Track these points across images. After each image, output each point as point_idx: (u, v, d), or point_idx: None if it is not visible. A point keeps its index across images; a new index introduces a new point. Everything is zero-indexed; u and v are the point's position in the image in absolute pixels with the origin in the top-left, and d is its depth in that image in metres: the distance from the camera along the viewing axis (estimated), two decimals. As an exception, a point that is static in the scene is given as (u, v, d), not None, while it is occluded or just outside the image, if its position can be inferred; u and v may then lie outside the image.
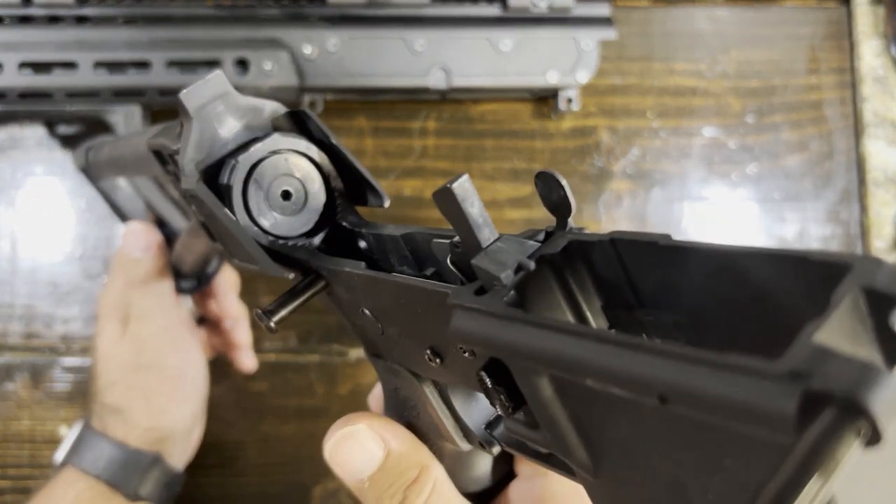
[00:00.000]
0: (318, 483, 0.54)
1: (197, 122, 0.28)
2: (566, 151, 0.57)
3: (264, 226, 0.29)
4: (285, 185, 0.29)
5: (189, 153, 0.28)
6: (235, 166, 0.28)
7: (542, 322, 0.17)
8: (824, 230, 0.57)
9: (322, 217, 0.29)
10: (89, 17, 0.50)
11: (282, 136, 0.28)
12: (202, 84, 0.28)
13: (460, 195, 0.22)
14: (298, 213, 0.29)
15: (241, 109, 0.29)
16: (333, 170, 0.29)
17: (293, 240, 0.29)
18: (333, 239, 0.30)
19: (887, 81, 0.57)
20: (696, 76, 0.57)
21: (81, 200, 0.55)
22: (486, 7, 0.52)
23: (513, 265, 0.20)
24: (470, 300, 0.20)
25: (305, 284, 0.28)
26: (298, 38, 0.50)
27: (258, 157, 0.28)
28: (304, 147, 0.29)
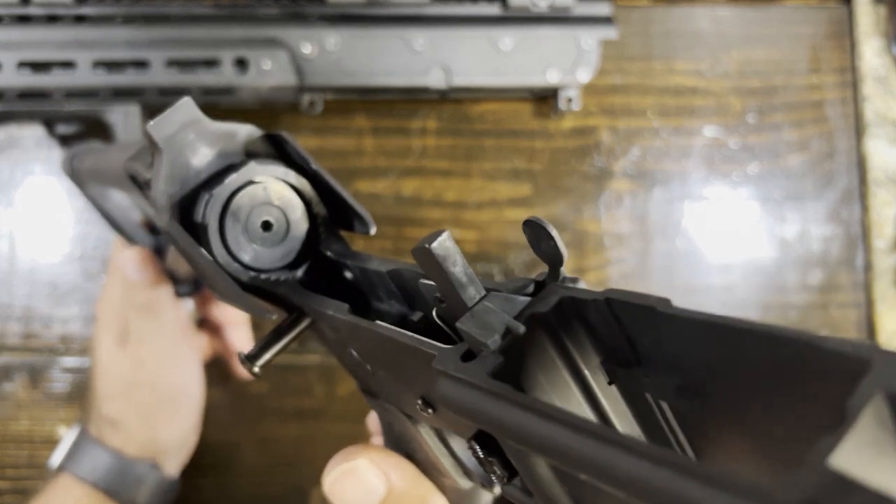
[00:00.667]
0: (317, 484, 0.54)
1: (167, 153, 0.26)
2: (566, 151, 0.57)
3: (244, 260, 0.27)
4: (265, 216, 0.27)
5: (160, 186, 0.26)
6: (210, 200, 0.26)
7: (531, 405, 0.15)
8: (825, 230, 0.57)
9: (304, 247, 0.28)
10: (88, 17, 0.50)
11: (258, 164, 0.27)
12: (170, 112, 0.26)
13: (441, 255, 0.20)
14: (280, 244, 0.28)
15: (214, 136, 0.27)
16: (315, 195, 0.28)
17: (275, 273, 0.27)
18: (317, 270, 0.28)
19: (888, 81, 0.56)
20: (696, 76, 0.57)
21: (80, 200, 0.55)
22: (487, 6, 0.52)
23: (500, 328, 0.18)
24: (455, 368, 0.18)
25: (290, 323, 0.27)
26: (297, 37, 0.50)
27: (233, 189, 0.26)
28: (282, 174, 0.27)
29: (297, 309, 0.27)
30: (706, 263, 0.56)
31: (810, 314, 0.56)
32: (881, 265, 0.55)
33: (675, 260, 0.56)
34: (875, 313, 0.55)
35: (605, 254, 0.56)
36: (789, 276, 0.56)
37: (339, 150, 0.56)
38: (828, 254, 0.57)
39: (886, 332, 0.55)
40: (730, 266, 0.56)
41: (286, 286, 0.27)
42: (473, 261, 0.56)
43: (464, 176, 0.56)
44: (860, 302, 0.56)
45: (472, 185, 0.56)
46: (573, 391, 0.19)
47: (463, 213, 0.56)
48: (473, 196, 0.56)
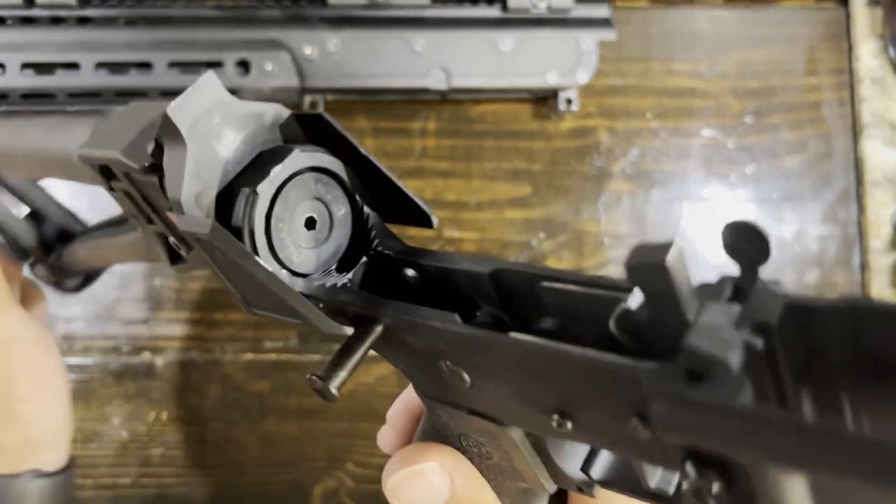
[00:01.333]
0: (318, 482, 0.55)
1: (192, 143, 0.22)
2: (566, 152, 0.57)
3: (294, 266, 0.23)
4: (308, 212, 0.23)
5: (187, 187, 0.22)
6: (253, 199, 0.22)
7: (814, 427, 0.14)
8: (822, 230, 0.57)
9: (352, 246, 0.24)
10: (91, 19, 0.50)
11: (302, 152, 0.23)
12: (193, 92, 0.22)
13: (676, 271, 0.17)
14: (325, 243, 0.24)
15: (241, 118, 0.23)
16: (360, 185, 0.24)
17: (326, 278, 0.24)
18: (372, 272, 0.25)
19: (885, 82, 0.57)
20: (695, 77, 0.58)
21: (83, 201, 0.56)
22: (486, 8, 0.53)
23: (738, 343, 0.15)
24: (690, 392, 0.16)
25: (359, 335, 0.22)
26: (299, 38, 0.50)
27: (279, 183, 0.23)
28: (328, 163, 0.24)
29: (366, 319, 0.23)
30: (704, 263, 0.57)
31: (808, 313, 0.57)
32: (878, 265, 0.56)
33: (673, 260, 0.57)
34: (872, 313, 0.56)
35: (604, 254, 0.56)
36: (787, 276, 0.57)
37: (340, 151, 0.56)
38: (825, 254, 0.57)
39: (883, 331, 0.55)
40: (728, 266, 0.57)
41: (349, 293, 0.23)
42: (473, 260, 0.56)
43: (464, 176, 0.57)
44: (857, 301, 0.57)
45: (472, 186, 0.57)
46: (807, 403, 0.17)
47: (463, 213, 0.56)
48: (473, 196, 0.57)
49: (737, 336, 0.16)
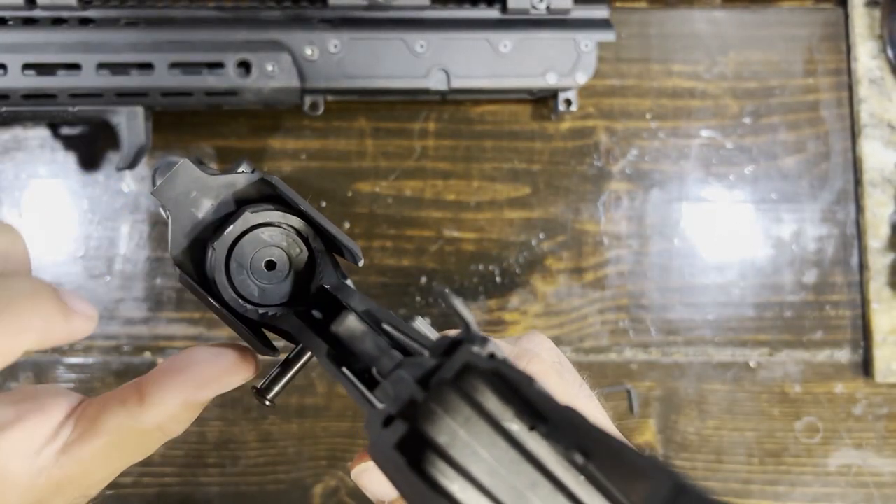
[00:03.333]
0: (319, 481, 0.55)
1: (174, 212, 0.29)
2: (565, 152, 0.57)
3: (253, 300, 0.29)
4: (267, 256, 0.29)
5: (172, 244, 0.29)
6: (214, 253, 0.28)
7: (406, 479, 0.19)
8: (821, 230, 0.57)
9: (306, 280, 0.30)
10: (93, 20, 0.50)
11: (252, 213, 0.29)
12: (172, 177, 0.29)
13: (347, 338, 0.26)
14: (285, 279, 0.30)
15: (215, 189, 0.29)
16: (311, 231, 0.30)
17: (282, 308, 0.30)
18: (321, 302, 0.30)
19: (883, 83, 0.57)
20: (694, 77, 0.58)
21: (84, 201, 0.56)
22: (486, 9, 0.53)
23: (406, 396, 0.21)
24: (374, 431, 0.21)
25: (295, 355, 0.29)
26: (300, 40, 0.51)
27: (232, 239, 0.29)
28: (276, 218, 0.29)
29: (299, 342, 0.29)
30: (703, 263, 0.57)
31: (805, 314, 0.57)
32: (876, 265, 0.56)
33: (672, 260, 0.57)
34: (870, 312, 0.56)
35: (603, 254, 0.57)
36: (785, 276, 0.57)
37: (340, 151, 0.56)
38: (823, 254, 0.57)
39: (881, 331, 0.56)
40: (726, 266, 0.57)
41: (285, 320, 0.29)
42: (473, 261, 0.56)
43: (464, 176, 0.57)
44: (855, 302, 0.57)
45: (471, 186, 0.57)
46: (497, 438, 0.20)
47: (463, 213, 0.57)
48: (473, 196, 0.57)
49: (408, 390, 0.21)
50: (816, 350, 0.57)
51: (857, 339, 0.57)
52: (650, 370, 0.56)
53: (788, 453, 0.56)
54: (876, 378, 0.56)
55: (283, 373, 0.29)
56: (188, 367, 0.28)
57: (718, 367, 0.57)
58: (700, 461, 0.56)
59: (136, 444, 0.28)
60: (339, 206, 0.56)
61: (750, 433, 0.56)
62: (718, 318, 0.57)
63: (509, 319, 0.56)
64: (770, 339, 0.57)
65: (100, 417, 0.27)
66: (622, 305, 0.57)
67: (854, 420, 0.56)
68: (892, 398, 0.56)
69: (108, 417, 0.27)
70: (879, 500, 0.56)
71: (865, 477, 0.56)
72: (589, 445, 0.19)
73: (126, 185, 0.56)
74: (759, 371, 0.57)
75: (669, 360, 0.56)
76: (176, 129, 0.56)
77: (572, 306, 0.56)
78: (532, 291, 0.56)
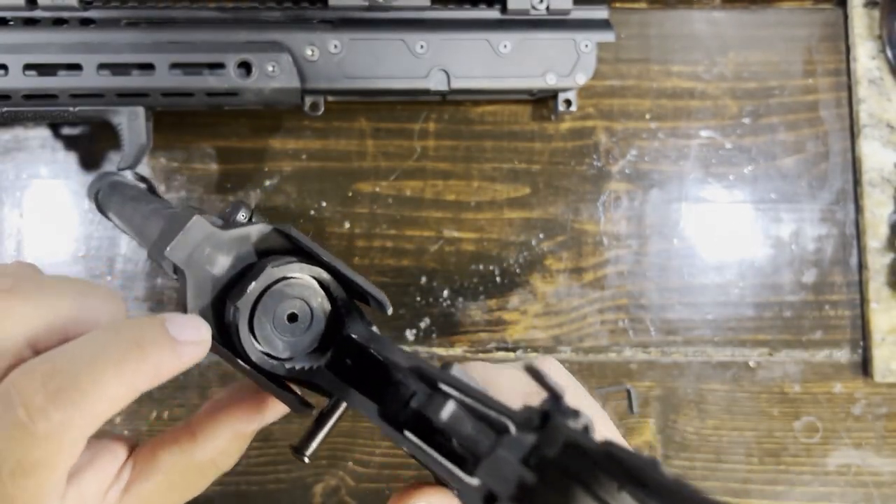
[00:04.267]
0: (319, 481, 0.55)
1: (189, 271, 0.28)
2: (565, 152, 0.57)
3: (279, 354, 0.29)
4: (289, 309, 0.29)
5: (191, 305, 0.28)
6: (237, 312, 0.28)
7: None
8: (820, 230, 0.58)
9: (330, 329, 0.29)
10: (94, 20, 0.51)
11: (273, 267, 0.28)
12: (183, 235, 0.28)
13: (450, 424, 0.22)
14: (308, 330, 0.29)
15: (229, 243, 0.29)
16: (333, 280, 0.29)
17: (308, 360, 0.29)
18: (346, 350, 0.29)
19: (883, 83, 0.57)
20: (693, 78, 0.58)
21: (85, 201, 0.56)
22: (486, 10, 0.53)
23: (514, 478, 0.20)
24: None
25: (330, 408, 0.29)
26: (300, 40, 0.51)
27: (256, 296, 0.28)
28: (297, 271, 0.28)
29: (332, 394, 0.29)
30: (702, 263, 0.57)
31: (805, 313, 0.57)
32: (875, 265, 0.56)
33: (671, 260, 0.57)
34: (869, 312, 0.56)
35: (602, 254, 0.57)
36: (784, 276, 0.57)
37: (341, 152, 0.57)
38: (822, 253, 0.57)
39: (881, 331, 0.56)
40: (725, 266, 0.57)
41: (320, 375, 0.29)
42: (473, 261, 0.56)
43: (463, 177, 0.57)
44: (855, 301, 0.57)
45: (471, 186, 0.57)
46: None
47: (463, 213, 0.57)
48: (473, 197, 0.57)
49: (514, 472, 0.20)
50: (816, 350, 0.57)
51: (856, 339, 0.57)
52: (649, 370, 0.56)
53: (787, 453, 0.56)
54: (875, 378, 0.56)
55: (318, 427, 0.29)
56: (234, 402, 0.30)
57: (718, 366, 0.57)
58: (699, 461, 0.56)
59: (191, 481, 0.29)
60: (339, 206, 0.56)
61: (749, 433, 0.56)
62: (718, 317, 0.57)
63: (509, 319, 0.56)
64: (769, 338, 0.57)
65: (156, 456, 0.28)
66: (621, 305, 0.57)
67: (853, 420, 0.56)
68: (892, 398, 0.56)
69: (164, 456, 0.28)
70: (878, 499, 0.56)
71: (864, 476, 0.56)
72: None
73: (127, 186, 0.56)
74: (758, 371, 0.57)
75: (669, 360, 0.57)
76: (177, 130, 0.56)
77: (572, 306, 0.57)
78: (532, 291, 0.56)
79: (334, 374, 0.29)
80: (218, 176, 0.56)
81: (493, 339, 0.56)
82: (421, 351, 0.56)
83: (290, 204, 0.56)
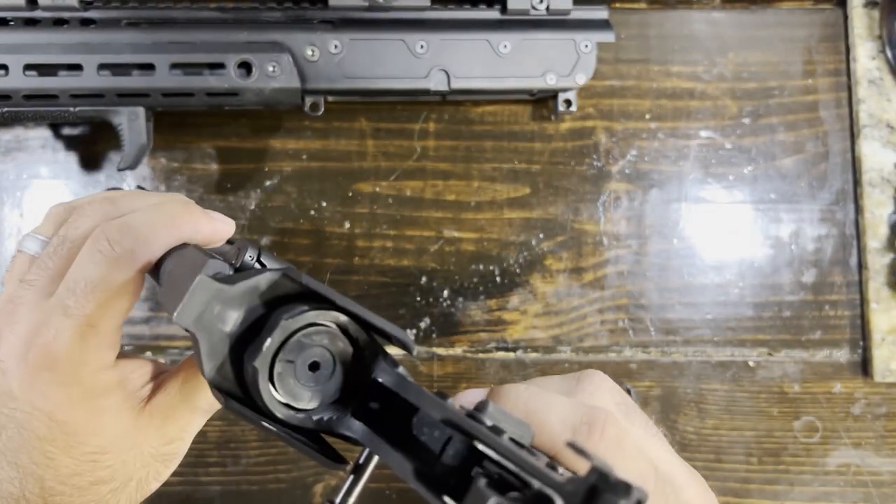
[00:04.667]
0: (320, 480, 0.55)
1: (201, 333, 0.27)
2: (565, 152, 0.57)
3: (304, 406, 0.27)
4: (311, 358, 0.27)
5: (207, 367, 0.27)
6: (254, 371, 0.26)
7: None
8: (819, 230, 0.58)
9: (354, 375, 0.28)
10: (94, 20, 0.51)
11: (288, 320, 0.26)
12: (190, 297, 0.26)
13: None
14: (332, 377, 0.28)
15: (238, 298, 0.27)
16: (351, 322, 0.27)
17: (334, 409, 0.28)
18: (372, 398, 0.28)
19: (882, 83, 0.57)
20: (693, 78, 0.58)
21: (86, 201, 0.56)
22: (486, 10, 0.53)
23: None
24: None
25: (364, 463, 0.27)
26: (300, 40, 0.51)
27: (273, 353, 0.26)
28: (312, 318, 0.27)
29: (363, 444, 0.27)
30: (702, 263, 0.57)
31: (804, 313, 0.57)
32: (875, 265, 0.56)
33: (671, 260, 0.57)
34: (869, 312, 0.56)
35: (602, 254, 0.57)
36: (784, 276, 0.57)
37: (341, 152, 0.57)
38: (822, 254, 0.58)
39: (880, 331, 0.56)
40: (725, 266, 0.57)
41: (348, 425, 0.28)
42: (473, 261, 0.57)
43: (463, 177, 0.57)
44: (854, 302, 0.57)
45: (471, 186, 0.57)
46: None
47: (463, 213, 0.57)
48: (473, 197, 0.57)
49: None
50: (815, 350, 0.57)
51: (855, 339, 0.57)
52: (649, 370, 0.57)
53: (787, 453, 0.56)
54: (875, 377, 0.56)
55: (356, 480, 0.27)
56: None
57: (717, 366, 0.57)
58: (699, 460, 0.56)
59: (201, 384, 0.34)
60: (339, 206, 0.56)
61: (749, 433, 0.56)
62: (717, 317, 0.57)
63: (509, 319, 0.56)
64: (769, 338, 0.57)
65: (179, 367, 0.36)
66: (621, 305, 0.57)
67: (853, 419, 0.57)
68: (891, 398, 0.57)
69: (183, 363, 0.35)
70: (878, 499, 0.56)
71: (864, 476, 0.56)
72: None
73: (127, 186, 0.56)
74: (757, 370, 0.57)
75: (668, 360, 0.57)
76: (177, 130, 0.56)
77: (572, 306, 0.57)
78: (532, 291, 0.57)
79: (363, 422, 0.27)
80: (218, 176, 0.56)
81: (493, 339, 0.56)
82: (421, 351, 0.56)
83: (290, 204, 0.56)
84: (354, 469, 0.27)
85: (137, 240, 0.32)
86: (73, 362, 0.31)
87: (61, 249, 0.33)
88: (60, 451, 0.32)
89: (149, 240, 0.32)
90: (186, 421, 0.35)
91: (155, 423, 0.34)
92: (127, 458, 0.33)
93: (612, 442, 0.27)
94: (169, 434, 0.35)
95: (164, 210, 0.34)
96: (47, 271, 0.33)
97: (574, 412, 0.28)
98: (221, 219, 0.36)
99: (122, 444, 0.33)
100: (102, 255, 0.31)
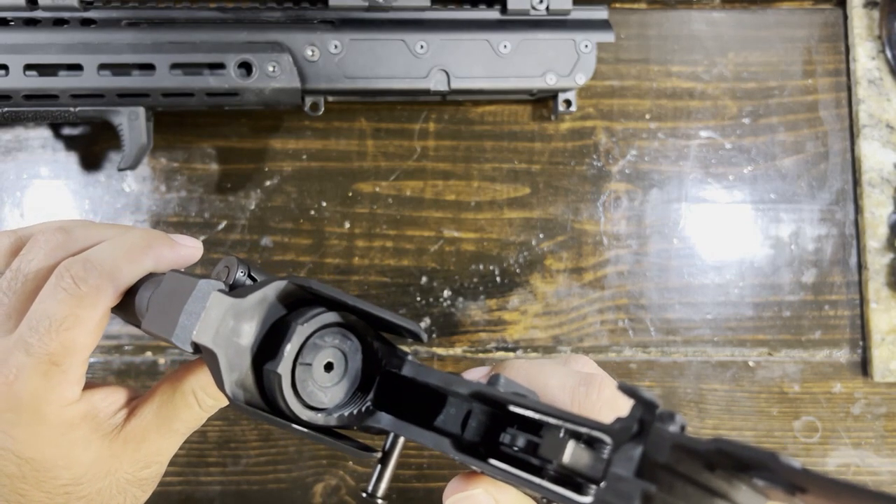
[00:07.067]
0: (320, 480, 0.55)
1: (219, 350, 0.27)
2: (565, 152, 0.57)
3: (324, 406, 0.28)
4: (325, 359, 0.28)
5: (227, 382, 0.27)
6: (278, 378, 0.27)
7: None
8: (819, 230, 0.58)
9: (366, 368, 0.29)
10: (94, 20, 0.51)
11: (303, 325, 0.27)
12: (205, 314, 0.27)
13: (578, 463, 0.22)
14: (345, 376, 0.29)
15: (251, 310, 0.28)
16: (360, 321, 0.29)
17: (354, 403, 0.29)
18: (389, 386, 0.29)
19: (882, 84, 0.57)
20: (692, 78, 0.58)
21: (85, 201, 0.56)
22: (486, 10, 0.53)
23: (637, 493, 0.20)
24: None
25: (390, 445, 0.28)
26: (300, 40, 0.51)
27: (292, 360, 0.27)
28: (326, 320, 0.28)
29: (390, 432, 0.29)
30: (702, 263, 0.57)
31: (804, 313, 0.57)
32: (875, 265, 0.56)
33: (671, 260, 0.57)
34: (869, 312, 0.56)
35: (602, 254, 0.57)
36: (784, 276, 0.57)
37: (341, 152, 0.57)
38: (822, 254, 0.58)
39: (880, 331, 0.56)
40: (725, 266, 0.57)
41: (371, 416, 0.29)
42: (473, 261, 0.57)
43: (464, 177, 0.57)
44: (854, 301, 0.57)
45: (471, 186, 0.57)
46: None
47: (463, 213, 0.57)
48: (473, 197, 0.57)
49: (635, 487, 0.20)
50: (815, 350, 0.57)
51: (855, 339, 0.57)
52: (649, 369, 0.57)
53: (787, 452, 0.56)
54: (874, 377, 0.56)
55: (384, 467, 0.28)
56: None
57: (717, 366, 0.57)
58: (699, 460, 0.56)
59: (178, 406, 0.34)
60: (339, 206, 0.56)
61: (749, 432, 0.56)
62: (717, 317, 0.57)
63: (509, 319, 0.56)
64: (769, 338, 0.57)
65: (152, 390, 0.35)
66: (621, 305, 0.57)
67: (852, 419, 0.57)
68: (891, 397, 0.57)
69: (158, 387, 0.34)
70: (878, 499, 0.56)
71: (864, 476, 0.56)
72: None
73: (127, 186, 0.56)
74: (757, 370, 0.57)
75: (668, 360, 0.57)
76: (177, 130, 0.56)
77: (572, 306, 0.57)
78: (532, 291, 0.57)
79: (385, 411, 0.29)
80: (218, 176, 0.56)
81: (493, 339, 0.56)
82: (421, 351, 0.56)
83: (290, 204, 0.56)
84: (382, 457, 0.28)
85: (102, 276, 0.31)
86: (37, 401, 0.31)
87: (15, 284, 0.33)
88: (32, 487, 0.32)
89: (114, 276, 0.32)
90: (162, 445, 0.35)
91: (130, 449, 0.34)
92: (102, 486, 0.33)
93: (608, 401, 0.28)
94: (145, 459, 0.34)
95: (125, 243, 0.33)
96: (2, 307, 0.32)
97: (571, 376, 0.30)
98: (185, 242, 0.35)
99: (95, 473, 0.33)
100: (67, 293, 0.31)
